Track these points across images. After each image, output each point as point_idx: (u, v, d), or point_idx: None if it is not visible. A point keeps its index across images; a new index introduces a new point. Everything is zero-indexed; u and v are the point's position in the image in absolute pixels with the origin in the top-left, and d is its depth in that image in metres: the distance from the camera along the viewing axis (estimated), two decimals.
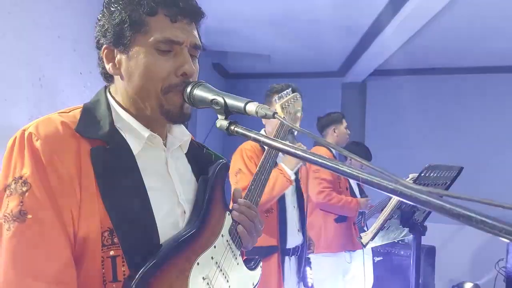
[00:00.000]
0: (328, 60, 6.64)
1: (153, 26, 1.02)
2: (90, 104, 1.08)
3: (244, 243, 1.24)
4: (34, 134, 0.94)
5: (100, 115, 1.04)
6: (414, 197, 0.66)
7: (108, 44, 1.06)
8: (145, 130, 1.06)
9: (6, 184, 0.93)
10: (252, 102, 0.92)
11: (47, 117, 1.01)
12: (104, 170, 0.96)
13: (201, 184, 1.17)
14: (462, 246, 6.13)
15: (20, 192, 0.90)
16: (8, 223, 0.89)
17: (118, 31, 1.03)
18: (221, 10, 4.71)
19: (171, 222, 1.06)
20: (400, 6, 4.41)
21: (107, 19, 1.05)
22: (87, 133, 0.99)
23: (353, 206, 3.62)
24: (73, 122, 1.00)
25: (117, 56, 1.06)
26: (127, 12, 1.02)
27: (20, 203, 0.89)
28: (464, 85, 6.68)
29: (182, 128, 1.20)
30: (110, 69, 1.07)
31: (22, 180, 0.91)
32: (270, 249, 2.57)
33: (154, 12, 1.02)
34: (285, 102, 2.12)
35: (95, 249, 0.93)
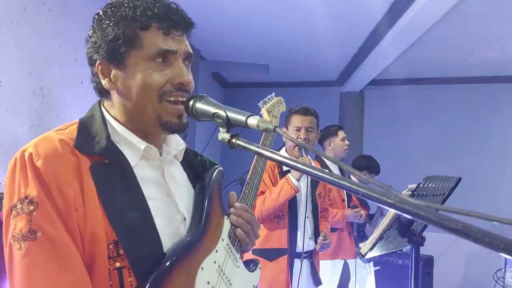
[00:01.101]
0: (326, 69, 6.68)
1: (147, 40, 1.03)
2: (85, 119, 1.08)
3: (243, 245, 1.26)
4: (34, 154, 0.95)
5: (96, 130, 1.05)
6: (413, 212, 0.68)
7: (102, 60, 1.05)
8: (141, 143, 1.07)
9: (11, 205, 0.93)
10: (253, 116, 0.93)
11: (45, 136, 1.01)
12: (105, 184, 0.98)
13: (199, 191, 1.19)
14: (460, 256, 6.13)
15: (28, 212, 0.91)
16: (19, 243, 0.90)
17: (112, 47, 1.03)
18: (220, 21, 4.75)
19: (173, 230, 1.07)
20: (398, 17, 4.46)
21: (99, 36, 1.05)
22: (86, 149, 0.99)
23: (337, 219, 3.64)
24: (71, 138, 1.01)
25: (112, 71, 1.06)
26: (120, 28, 1.02)
27: (29, 222, 0.90)
28: (462, 95, 6.72)
29: (177, 138, 1.21)
30: (106, 84, 1.07)
31: (28, 199, 0.91)
32: (280, 251, 2.76)
33: (147, 26, 1.03)
34: (271, 106, 2.19)
35: (102, 262, 0.94)
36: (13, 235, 0.91)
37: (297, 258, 2.80)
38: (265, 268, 2.59)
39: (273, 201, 2.67)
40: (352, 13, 4.57)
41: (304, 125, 2.92)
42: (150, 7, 1.03)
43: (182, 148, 1.21)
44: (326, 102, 7.05)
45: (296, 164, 0.84)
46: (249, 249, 1.31)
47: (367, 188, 0.74)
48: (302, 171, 0.82)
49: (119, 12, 1.03)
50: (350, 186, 0.76)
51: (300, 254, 2.81)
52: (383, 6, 4.38)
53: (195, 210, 1.15)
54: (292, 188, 2.67)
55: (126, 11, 1.03)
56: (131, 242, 0.97)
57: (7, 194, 0.95)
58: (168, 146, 1.17)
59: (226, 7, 4.52)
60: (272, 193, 2.69)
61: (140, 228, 1.00)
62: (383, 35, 4.95)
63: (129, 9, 1.03)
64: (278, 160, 0.88)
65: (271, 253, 2.74)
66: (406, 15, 4.27)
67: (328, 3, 4.33)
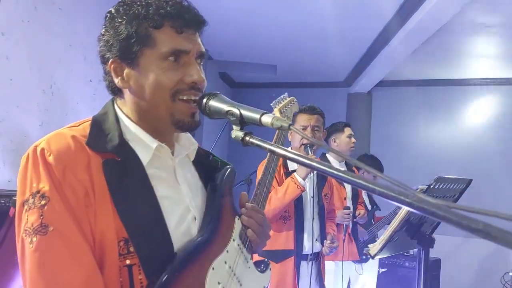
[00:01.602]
0: (334, 70, 6.66)
1: (159, 39, 1.02)
2: (98, 117, 1.09)
3: (254, 246, 1.26)
4: (46, 150, 0.96)
5: (109, 127, 1.05)
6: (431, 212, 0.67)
7: (114, 58, 1.05)
8: (153, 141, 1.07)
9: (23, 199, 0.94)
10: (267, 114, 0.92)
11: (58, 132, 1.02)
12: (117, 182, 0.98)
13: (210, 190, 1.19)
14: (467, 258, 6.10)
15: (39, 206, 0.91)
16: (30, 237, 0.90)
17: (124, 45, 1.03)
18: (228, 21, 4.75)
19: (183, 229, 1.07)
20: (407, 18, 4.44)
21: (111, 34, 1.05)
22: (98, 147, 1.00)
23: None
24: (83, 135, 1.01)
25: (125, 70, 1.06)
26: (133, 27, 1.02)
27: (41, 216, 0.91)
28: (469, 96, 6.68)
29: (189, 137, 1.21)
30: (118, 83, 1.07)
31: (40, 194, 0.92)
32: (287, 252, 2.73)
33: (160, 25, 1.02)
34: (283, 106, 2.18)
35: (112, 259, 0.94)
36: (24, 229, 0.91)
37: (304, 260, 2.79)
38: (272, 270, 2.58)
39: (279, 200, 2.63)
40: (361, 14, 4.56)
41: (310, 124, 2.91)
42: (163, 5, 1.03)
43: (194, 148, 1.21)
44: (333, 103, 7.03)
45: (311, 162, 0.83)
46: (260, 250, 1.30)
47: (384, 187, 0.73)
48: (318, 169, 0.81)
49: (131, 10, 1.03)
50: (367, 185, 0.75)
51: (306, 256, 2.79)
52: (392, 7, 4.37)
53: (206, 210, 1.15)
54: (298, 187, 2.63)
55: (139, 9, 1.02)
56: (141, 239, 0.97)
57: (20, 189, 0.96)
58: (180, 145, 1.18)
59: (234, 7, 4.52)
60: (278, 192, 2.66)
61: (150, 226, 1.00)
62: (391, 36, 4.93)
63: (141, 7, 1.03)
64: (292, 158, 0.87)
65: (278, 254, 2.71)
66: (416, 16, 4.25)
67: (337, 4, 4.32)
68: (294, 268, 2.71)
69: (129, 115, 1.09)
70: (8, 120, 2.72)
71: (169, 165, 1.12)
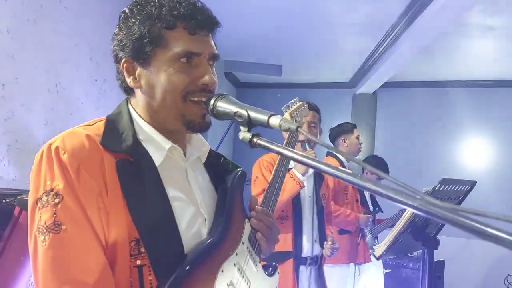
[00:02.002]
0: (339, 71, 6.65)
1: (172, 40, 1.03)
2: (112, 116, 1.10)
3: (262, 249, 1.27)
4: (61, 148, 0.96)
5: (123, 127, 1.06)
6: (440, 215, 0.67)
7: (127, 58, 1.06)
8: (166, 142, 1.07)
9: (37, 197, 0.94)
10: (275, 116, 0.92)
11: (72, 131, 1.02)
12: (130, 182, 0.98)
13: (221, 193, 1.18)
14: (471, 260, 6.08)
15: (53, 204, 0.92)
16: (43, 235, 0.91)
17: (137, 45, 1.04)
18: (234, 20, 4.75)
19: (194, 231, 1.07)
20: (413, 19, 4.43)
21: (124, 34, 1.06)
22: (112, 146, 1.00)
23: (350, 219, 3.57)
24: (98, 135, 1.02)
25: (137, 70, 1.07)
26: (145, 27, 1.03)
27: (54, 215, 0.91)
28: (475, 98, 6.65)
29: (201, 139, 1.22)
30: (130, 82, 1.08)
31: (54, 192, 0.93)
32: (285, 254, 2.62)
33: (173, 26, 1.02)
34: (294, 111, 2.20)
35: (123, 259, 0.95)
36: (38, 227, 0.92)
37: (303, 265, 2.69)
38: None
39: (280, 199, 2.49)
40: (367, 15, 4.55)
41: (306, 120, 2.86)
42: (176, 6, 1.03)
43: (206, 150, 1.21)
44: (339, 103, 7.04)
45: (320, 165, 0.83)
46: (268, 253, 1.30)
47: (391, 190, 0.73)
48: (329, 173, 0.80)
49: (145, 10, 1.04)
50: (375, 187, 0.74)
51: (305, 259, 2.70)
52: (399, 8, 4.36)
53: (217, 212, 1.15)
54: (297, 183, 2.56)
55: (152, 10, 1.03)
56: (152, 240, 0.97)
57: (33, 186, 0.96)
58: (192, 147, 1.18)
59: (240, 7, 4.52)
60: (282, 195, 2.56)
61: (162, 228, 1.00)
62: (398, 37, 4.92)
63: (155, 8, 1.03)
64: (300, 160, 0.87)
65: (276, 256, 2.53)
66: (422, 17, 4.24)
67: (343, 5, 4.31)
68: (293, 272, 2.62)
69: (141, 115, 1.10)
70: (13, 119, 2.73)
71: (181, 167, 1.13)
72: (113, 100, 3.78)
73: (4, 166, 2.68)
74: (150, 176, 1.02)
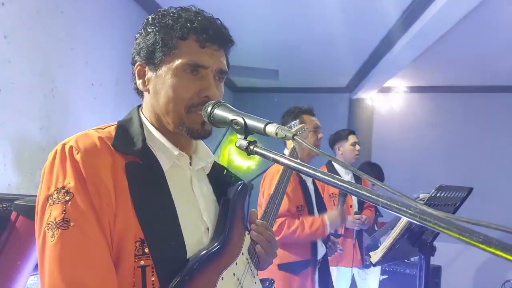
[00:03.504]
0: (336, 76, 6.66)
1: (183, 50, 1.08)
2: (123, 122, 1.14)
3: (261, 262, 1.29)
4: (75, 148, 1.00)
5: (133, 132, 1.10)
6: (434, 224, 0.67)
7: (141, 62, 1.13)
8: (175, 149, 1.11)
9: (48, 194, 0.98)
10: (272, 124, 0.93)
11: (85, 133, 1.06)
12: (138, 184, 1.02)
13: (223, 204, 1.21)
14: (468, 266, 6.08)
15: (63, 201, 0.95)
16: (52, 231, 0.94)
17: (151, 50, 1.10)
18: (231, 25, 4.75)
19: (196, 238, 1.09)
20: (410, 24, 4.44)
21: (143, 39, 1.12)
22: (122, 148, 1.05)
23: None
24: (109, 138, 1.06)
25: (147, 74, 1.13)
26: (160, 34, 1.09)
27: (63, 212, 0.94)
28: (473, 103, 6.68)
29: (207, 150, 1.25)
30: (140, 84, 1.14)
31: (65, 190, 0.96)
32: (305, 262, 2.67)
33: (185, 37, 1.08)
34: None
35: (128, 259, 0.97)
36: (47, 222, 0.95)
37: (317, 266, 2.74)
38: (292, 281, 2.57)
39: (304, 237, 2.61)
40: (363, 20, 4.56)
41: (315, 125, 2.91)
42: (192, 19, 1.09)
43: (211, 161, 1.24)
44: (335, 108, 7.05)
45: (315, 172, 0.83)
46: (266, 267, 1.33)
47: (388, 198, 0.73)
48: (322, 181, 0.81)
49: (163, 20, 1.10)
50: (370, 196, 0.75)
51: (316, 262, 2.75)
52: (395, 13, 4.37)
53: (218, 222, 1.18)
54: (323, 233, 2.67)
55: (170, 20, 1.09)
56: (157, 241, 1.00)
57: (45, 183, 0.99)
58: (198, 156, 1.21)
59: (237, 12, 4.53)
60: (304, 228, 2.63)
61: (167, 230, 1.03)
62: (394, 43, 4.94)
63: (172, 19, 1.09)
64: (296, 167, 0.87)
65: (296, 266, 2.64)
66: (419, 22, 4.26)
67: (340, 9, 4.32)
68: (312, 278, 2.67)
69: (149, 119, 1.15)
70: (9, 124, 2.72)
71: (186, 175, 1.16)
72: (109, 104, 3.78)
73: (1, 171, 2.66)
74: (158, 180, 1.06)
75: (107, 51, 3.65)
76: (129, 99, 1.09)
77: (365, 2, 4.17)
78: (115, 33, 3.74)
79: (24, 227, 1.71)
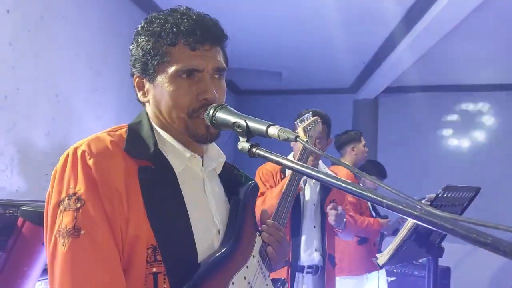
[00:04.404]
0: (339, 77, 6.65)
1: (174, 56, 1.05)
2: (134, 125, 1.12)
3: (272, 264, 1.27)
4: (88, 152, 0.98)
5: (145, 135, 1.08)
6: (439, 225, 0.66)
7: (137, 74, 1.11)
8: (186, 151, 1.10)
9: (59, 199, 0.96)
10: (274, 126, 0.93)
11: (97, 136, 1.04)
12: (150, 189, 1.01)
13: (234, 205, 1.20)
14: (477, 267, 6.03)
15: (74, 208, 0.94)
16: (63, 238, 0.93)
17: (144, 62, 1.08)
18: (233, 28, 4.76)
19: (208, 241, 1.09)
20: (413, 24, 4.43)
21: (135, 51, 1.10)
22: (135, 153, 1.03)
23: (375, 228, 3.50)
24: (121, 141, 1.04)
25: (146, 85, 1.11)
26: (150, 43, 1.06)
27: (74, 219, 0.93)
28: (477, 102, 6.64)
29: (218, 150, 1.23)
30: (140, 97, 1.13)
31: (76, 196, 0.95)
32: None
33: (174, 42, 1.05)
34: (307, 126, 2.21)
35: (140, 265, 0.96)
36: (58, 230, 0.94)
37: (299, 272, 2.61)
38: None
39: (274, 198, 2.34)
40: (366, 20, 4.55)
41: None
42: (178, 22, 1.06)
43: (222, 160, 1.23)
44: (339, 109, 7.01)
45: (318, 174, 0.83)
46: (278, 268, 1.32)
47: (392, 200, 0.73)
48: (325, 182, 0.81)
49: (151, 27, 1.08)
50: (375, 197, 0.74)
51: (303, 268, 2.61)
52: (398, 13, 4.36)
53: (229, 224, 1.17)
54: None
55: (157, 27, 1.06)
56: (170, 248, 0.99)
57: (56, 188, 0.98)
58: (209, 157, 1.20)
59: (240, 14, 4.53)
60: (273, 192, 2.48)
61: (179, 236, 1.02)
62: (398, 42, 4.92)
63: (159, 25, 1.06)
64: (299, 170, 0.87)
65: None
66: (422, 22, 4.24)
67: (342, 10, 4.32)
68: (287, 278, 2.51)
69: (158, 125, 1.13)
70: (15, 130, 2.73)
71: (199, 176, 1.15)
72: (113, 109, 3.79)
73: (7, 176, 2.67)
74: (170, 184, 1.05)
75: (111, 57, 3.66)
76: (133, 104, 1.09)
77: (368, 3, 4.16)
78: (118, 39, 3.74)
79: (31, 233, 1.71)
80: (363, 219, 3.47)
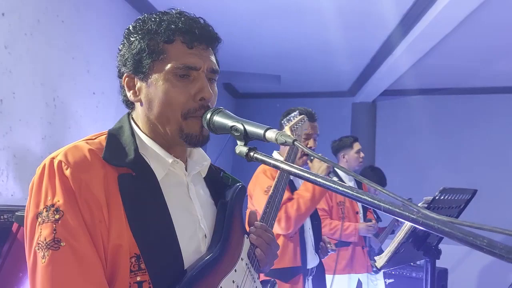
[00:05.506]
0: (338, 80, 6.66)
1: (170, 54, 1.04)
2: (114, 131, 1.10)
3: (261, 266, 1.25)
4: (64, 163, 0.96)
5: (125, 142, 1.06)
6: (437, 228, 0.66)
7: (128, 73, 1.09)
8: (168, 156, 1.08)
9: (37, 212, 0.94)
10: (271, 129, 0.93)
11: (74, 145, 1.02)
12: (131, 197, 0.98)
13: (220, 208, 1.18)
14: (474, 268, 6.04)
15: (53, 220, 0.91)
16: (43, 251, 0.90)
17: (137, 59, 1.06)
18: (232, 31, 4.77)
19: (194, 247, 1.07)
20: (411, 27, 4.44)
21: (127, 49, 1.08)
22: (114, 161, 1.00)
23: (348, 233, 3.54)
24: (100, 149, 1.02)
25: (137, 84, 1.08)
26: (145, 41, 1.05)
27: (54, 231, 0.91)
28: (475, 105, 6.65)
29: (202, 153, 1.22)
30: (131, 96, 1.10)
31: (55, 208, 0.92)
32: (295, 269, 2.55)
33: (171, 39, 1.04)
34: (294, 125, 2.20)
35: (124, 274, 0.94)
36: (37, 242, 0.92)
37: (310, 276, 2.64)
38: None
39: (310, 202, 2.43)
40: (364, 24, 4.56)
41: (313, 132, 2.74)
42: (175, 20, 1.05)
43: (206, 164, 1.21)
44: (338, 112, 7.03)
45: (316, 178, 0.82)
46: (267, 270, 1.30)
47: (389, 203, 0.72)
48: (323, 186, 0.81)
49: (145, 26, 1.07)
50: (372, 201, 0.74)
51: (308, 271, 2.63)
52: (396, 16, 4.37)
53: (216, 228, 1.15)
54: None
55: (152, 25, 1.05)
56: (153, 257, 0.96)
57: (33, 200, 0.96)
58: (193, 161, 1.18)
59: (238, 17, 4.53)
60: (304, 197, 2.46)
61: (163, 244, 1.00)
62: (396, 46, 4.93)
63: (154, 23, 1.05)
64: (298, 174, 0.86)
65: (286, 273, 2.51)
66: (419, 25, 4.25)
67: (341, 13, 4.32)
68: (302, 286, 2.54)
69: (142, 128, 1.11)
70: (11, 134, 2.72)
71: (182, 181, 1.13)
72: (111, 113, 3.78)
73: (3, 181, 2.66)
74: (152, 191, 1.03)
75: (108, 60, 3.65)
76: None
77: (366, 7, 4.17)
78: (116, 42, 3.71)
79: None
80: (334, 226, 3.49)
